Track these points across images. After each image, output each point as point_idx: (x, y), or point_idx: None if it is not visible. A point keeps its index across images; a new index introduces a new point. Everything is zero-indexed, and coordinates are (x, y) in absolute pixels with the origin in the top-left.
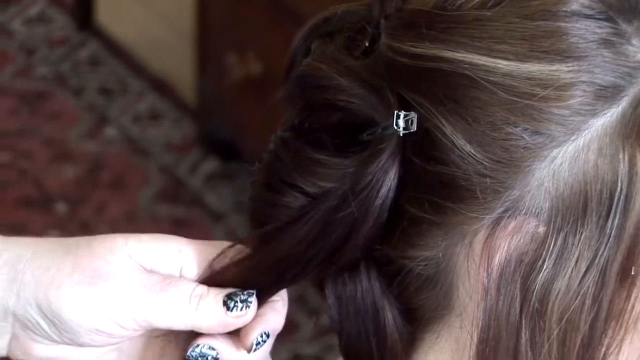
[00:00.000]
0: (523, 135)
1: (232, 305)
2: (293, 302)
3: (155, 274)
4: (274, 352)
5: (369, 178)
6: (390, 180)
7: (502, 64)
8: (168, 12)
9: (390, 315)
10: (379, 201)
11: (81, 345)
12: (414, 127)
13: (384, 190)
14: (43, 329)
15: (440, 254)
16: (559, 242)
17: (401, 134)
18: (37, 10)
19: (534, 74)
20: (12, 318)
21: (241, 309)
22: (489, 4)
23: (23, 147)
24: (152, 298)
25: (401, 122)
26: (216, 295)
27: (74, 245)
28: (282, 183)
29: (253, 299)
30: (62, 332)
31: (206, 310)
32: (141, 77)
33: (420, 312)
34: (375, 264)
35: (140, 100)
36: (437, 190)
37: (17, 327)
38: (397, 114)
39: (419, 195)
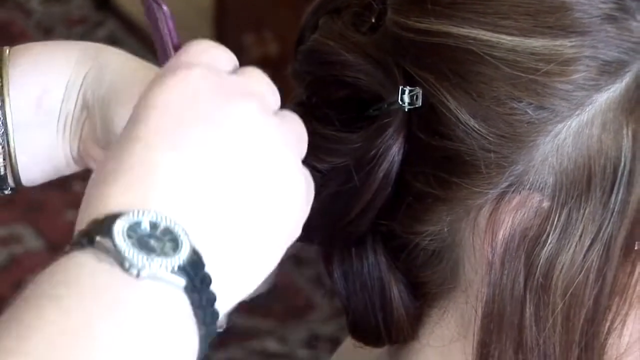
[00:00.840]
0: (527, 110)
1: None
2: (309, 282)
3: None
4: (291, 331)
5: (374, 152)
6: (394, 155)
7: (506, 39)
8: None
9: (396, 291)
10: (383, 175)
11: None
12: (419, 103)
13: (388, 164)
14: (98, 127)
15: (446, 229)
16: (562, 217)
17: (406, 109)
18: None
19: (537, 49)
20: (86, 113)
21: None
22: None
23: None
24: None
25: (406, 98)
26: None
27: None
28: None
29: None
30: (107, 134)
31: None
32: None
33: (426, 287)
34: (382, 240)
35: None
36: (442, 165)
37: (86, 124)
38: (402, 89)
39: (425, 170)
